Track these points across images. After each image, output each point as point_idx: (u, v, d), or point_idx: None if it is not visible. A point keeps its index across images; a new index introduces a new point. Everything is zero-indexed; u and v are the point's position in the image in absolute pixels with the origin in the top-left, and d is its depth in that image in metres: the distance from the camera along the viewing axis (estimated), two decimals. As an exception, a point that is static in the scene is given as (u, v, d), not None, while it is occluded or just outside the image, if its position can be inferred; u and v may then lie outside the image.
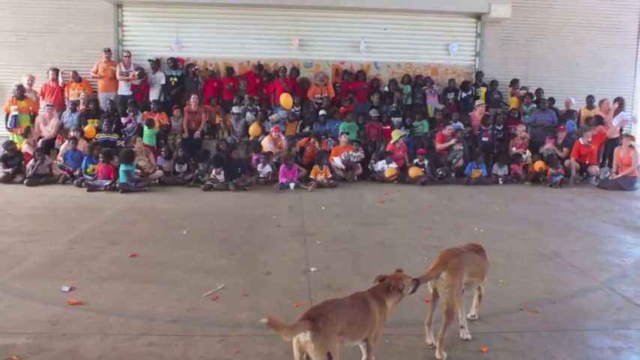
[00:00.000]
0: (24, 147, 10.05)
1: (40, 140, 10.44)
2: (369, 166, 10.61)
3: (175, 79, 11.73)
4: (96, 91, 11.77)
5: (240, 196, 8.81)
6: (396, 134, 10.76)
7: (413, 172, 10.30)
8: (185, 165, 9.93)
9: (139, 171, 9.38)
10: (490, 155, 11.11)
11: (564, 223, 7.32)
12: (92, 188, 8.88)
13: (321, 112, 11.35)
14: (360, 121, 11.28)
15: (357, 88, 12.04)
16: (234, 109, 11.24)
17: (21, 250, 5.56)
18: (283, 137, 10.77)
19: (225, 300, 4.34)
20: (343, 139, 10.67)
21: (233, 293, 4.47)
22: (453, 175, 10.65)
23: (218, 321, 3.95)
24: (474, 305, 4.02)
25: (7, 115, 10.81)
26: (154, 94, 11.63)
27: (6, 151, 9.64)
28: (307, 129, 11.31)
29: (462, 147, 10.96)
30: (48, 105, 10.96)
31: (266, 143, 10.52)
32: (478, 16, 12.77)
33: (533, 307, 4.29)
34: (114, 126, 10.64)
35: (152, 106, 11.13)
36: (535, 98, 12.10)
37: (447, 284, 3.43)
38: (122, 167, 8.98)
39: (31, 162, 9.50)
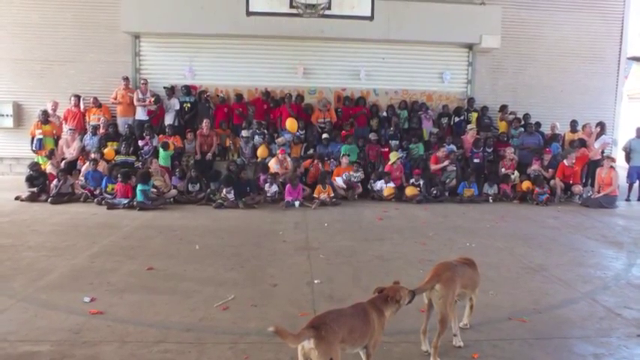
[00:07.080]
0: (48, 168, 10.13)
1: (63, 161, 10.53)
2: (369, 186, 10.65)
3: (189, 105, 11.85)
4: (115, 116, 11.91)
5: (249, 214, 8.83)
6: (393, 156, 10.84)
7: (409, 191, 10.35)
8: (198, 184, 9.96)
9: (154, 190, 9.42)
10: (481, 175, 11.15)
11: (550, 238, 7.35)
12: (111, 206, 8.94)
13: (324, 135, 11.45)
14: (360, 143, 11.34)
15: (357, 113, 12.13)
16: (244, 133, 11.34)
17: (45, 263, 5.59)
18: (289, 159, 10.82)
19: (235, 310, 4.36)
20: (344, 160, 10.75)
21: (242, 304, 4.50)
22: (447, 194, 10.67)
23: (228, 329, 3.98)
24: (466, 315, 4.05)
25: (33, 139, 10.95)
26: (168, 119, 11.74)
27: (31, 172, 9.70)
28: (311, 151, 11.43)
29: (454, 168, 11.00)
30: (70, 129, 11.08)
31: (273, 164, 10.59)
32: (470, 47, 12.95)
33: (521, 317, 4.31)
34: (132, 148, 10.71)
35: (167, 130, 11.25)
36: (523, 122, 12.19)
37: (441, 295, 3.47)
38: (139, 187, 9.04)
39: (55, 182, 9.56)
